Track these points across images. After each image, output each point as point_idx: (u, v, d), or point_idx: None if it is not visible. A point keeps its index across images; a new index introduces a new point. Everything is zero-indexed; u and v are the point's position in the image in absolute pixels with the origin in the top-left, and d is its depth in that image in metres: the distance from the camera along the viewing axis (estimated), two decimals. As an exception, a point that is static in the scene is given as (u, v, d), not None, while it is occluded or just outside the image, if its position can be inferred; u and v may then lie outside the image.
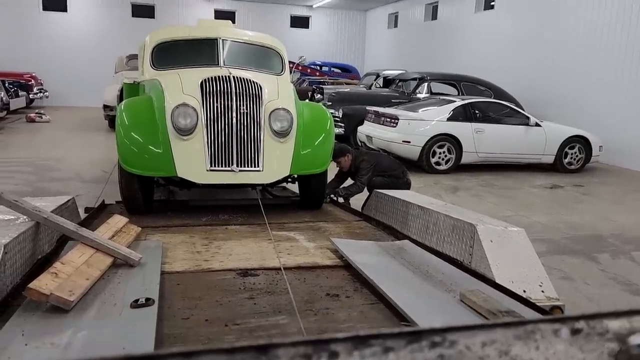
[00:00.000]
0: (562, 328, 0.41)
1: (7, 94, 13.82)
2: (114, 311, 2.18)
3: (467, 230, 2.98)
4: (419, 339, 0.37)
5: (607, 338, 0.42)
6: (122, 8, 20.38)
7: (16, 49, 18.99)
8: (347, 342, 0.35)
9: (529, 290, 2.64)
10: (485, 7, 15.53)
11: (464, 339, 0.38)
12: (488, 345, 0.39)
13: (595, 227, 5.92)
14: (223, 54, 4.89)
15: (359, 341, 0.35)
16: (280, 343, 0.33)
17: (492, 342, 0.39)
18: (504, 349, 0.39)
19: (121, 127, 4.04)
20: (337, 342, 0.35)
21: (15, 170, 7.65)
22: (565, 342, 0.41)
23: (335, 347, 0.35)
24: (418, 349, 0.37)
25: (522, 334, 0.40)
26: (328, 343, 0.34)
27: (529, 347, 0.40)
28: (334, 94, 11.75)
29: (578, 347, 0.41)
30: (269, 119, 4.03)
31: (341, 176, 5.67)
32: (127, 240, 3.11)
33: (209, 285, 2.64)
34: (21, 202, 2.80)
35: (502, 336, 0.39)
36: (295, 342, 0.34)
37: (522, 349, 0.40)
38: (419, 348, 0.37)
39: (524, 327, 0.40)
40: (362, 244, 3.38)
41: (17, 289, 2.35)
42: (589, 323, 0.42)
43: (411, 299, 2.43)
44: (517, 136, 9.20)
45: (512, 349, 0.39)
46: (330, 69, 19.58)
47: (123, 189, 4.18)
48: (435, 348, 0.37)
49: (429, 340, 0.37)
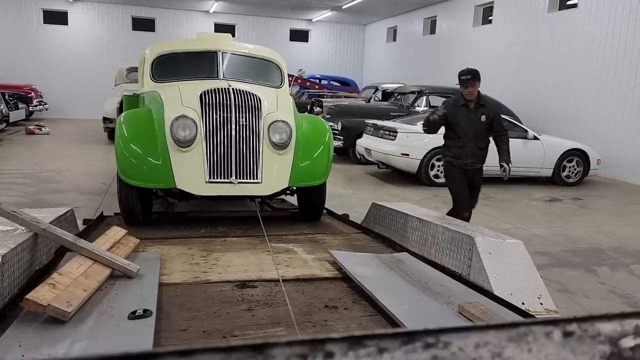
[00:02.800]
0: (554, 330, 0.41)
1: (7, 106, 13.86)
2: (112, 322, 2.17)
3: (466, 243, 2.98)
4: (413, 340, 0.38)
5: (599, 341, 0.42)
6: (123, 21, 20.54)
7: (17, 61, 19.09)
8: (343, 342, 0.36)
9: (528, 302, 2.63)
10: (483, 21, 15.67)
11: (457, 341, 0.39)
12: (481, 347, 0.39)
13: (594, 240, 5.92)
14: (223, 66, 4.91)
15: (354, 341, 0.36)
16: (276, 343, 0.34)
17: (486, 344, 0.39)
18: (497, 351, 0.40)
19: (120, 138, 4.05)
20: (333, 342, 0.35)
21: (14, 182, 7.65)
22: (558, 345, 0.41)
23: (331, 347, 0.35)
24: (412, 350, 0.37)
25: (515, 336, 0.40)
26: (324, 343, 0.35)
27: (521, 349, 0.40)
28: (332, 107, 11.80)
29: (570, 349, 0.41)
30: (268, 131, 4.04)
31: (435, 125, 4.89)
32: (125, 251, 3.10)
33: (207, 297, 2.63)
34: (19, 213, 2.80)
35: (495, 338, 0.40)
36: (291, 341, 0.34)
37: (514, 350, 0.40)
38: (413, 349, 0.37)
39: (517, 330, 0.41)
40: (361, 256, 3.38)
41: (15, 300, 2.34)
42: (581, 326, 0.42)
43: (410, 310, 2.42)
44: (515, 149, 9.17)
45: (505, 351, 0.40)
46: (329, 82, 19.68)
47: (122, 200, 4.17)
48: (429, 349, 0.38)
49: (422, 342, 0.38)
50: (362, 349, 0.36)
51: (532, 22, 13.09)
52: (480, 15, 15.74)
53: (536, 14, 12.96)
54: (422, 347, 0.37)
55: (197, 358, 0.32)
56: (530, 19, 13.16)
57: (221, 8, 20.59)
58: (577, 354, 0.41)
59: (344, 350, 0.35)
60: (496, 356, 0.39)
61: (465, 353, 0.38)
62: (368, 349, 0.36)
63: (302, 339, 0.35)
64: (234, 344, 0.33)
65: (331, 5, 19.57)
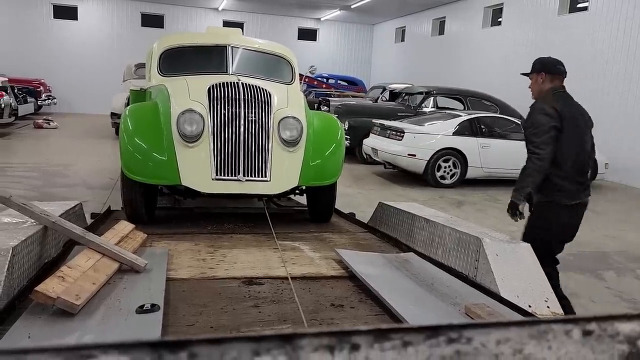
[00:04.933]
0: (574, 329, 0.42)
1: (16, 100, 13.94)
2: (120, 316, 2.19)
3: (473, 244, 2.98)
4: (437, 335, 0.38)
5: (618, 340, 0.43)
6: (132, 17, 20.62)
7: (26, 55, 19.21)
8: (369, 335, 0.36)
9: (535, 305, 2.63)
10: (492, 23, 15.62)
11: (479, 337, 0.39)
12: (502, 343, 0.40)
13: (601, 244, 5.90)
14: (232, 61, 4.79)
15: (380, 334, 0.37)
16: (304, 333, 0.35)
17: (507, 341, 0.40)
18: (517, 348, 0.40)
19: (125, 132, 3.92)
20: (359, 334, 0.36)
21: (22, 176, 7.70)
22: (577, 343, 0.42)
23: (357, 339, 0.36)
24: (436, 344, 0.38)
25: (536, 333, 0.41)
26: (350, 335, 0.36)
27: (542, 347, 0.41)
28: (340, 106, 11.81)
29: (590, 348, 0.42)
30: (278, 127, 3.92)
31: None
32: (133, 246, 3.12)
33: (214, 292, 2.64)
34: (29, 205, 2.82)
35: (516, 335, 0.41)
36: (318, 332, 0.35)
37: (535, 348, 0.41)
38: (436, 343, 0.38)
39: (538, 327, 0.41)
40: (367, 255, 3.38)
41: (24, 292, 2.36)
42: (600, 325, 0.43)
43: (416, 310, 2.43)
44: (522, 152, 9.12)
45: (526, 347, 0.41)
46: (336, 82, 19.69)
47: (125, 196, 4.05)
48: (452, 344, 0.38)
49: (446, 336, 0.38)
50: (387, 342, 0.37)
51: (541, 24, 13.04)
52: (490, 16, 15.69)
53: (546, 16, 12.91)
54: (445, 342, 0.38)
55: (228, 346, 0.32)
56: (539, 21, 13.10)
57: (230, 5, 20.63)
58: (596, 353, 0.42)
59: (369, 342, 0.36)
60: (517, 352, 0.40)
61: (487, 349, 0.39)
62: (393, 342, 0.37)
63: (330, 330, 0.36)
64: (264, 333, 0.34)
65: (340, 5, 19.56)
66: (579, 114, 3.39)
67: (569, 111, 3.34)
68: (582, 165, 3.41)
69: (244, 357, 0.33)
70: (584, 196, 3.41)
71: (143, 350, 0.31)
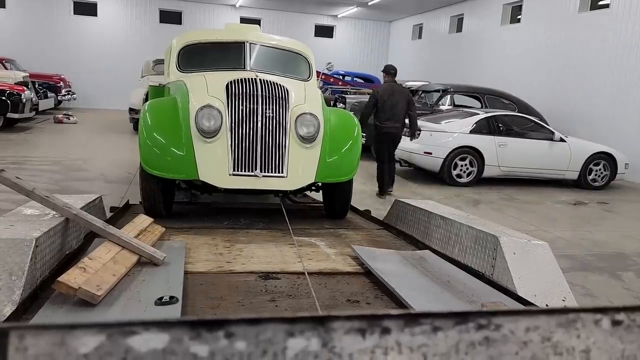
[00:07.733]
0: (603, 318, 0.42)
1: (37, 95, 14.15)
2: (139, 307, 2.22)
3: (490, 242, 2.96)
4: (466, 321, 0.39)
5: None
6: (150, 14, 20.80)
7: (46, 51, 19.48)
8: (400, 319, 0.37)
9: (552, 304, 2.61)
10: (511, 20, 15.45)
11: (508, 324, 0.40)
12: (531, 331, 0.40)
13: (620, 245, 5.82)
14: (250, 57, 4.83)
15: (410, 319, 0.37)
16: (337, 316, 0.35)
17: (536, 328, 0.40)
18: (546, 335, 0.41)
19: (144, 127, 3.97)
20: (390, 318, 0.37)
21: (43, 169, 7.82)
22: (606, 333, 0.42)
23: (388, 323, 0.37)
24: (465, 330, 0.38)
25: (564, 322, 0.41)
26: (382, 319, 0.36)
27: (570, 335, 0.41)
28: (356, 103, 11.77)
29: (618, 337, 0.42)
30: (295, 123, 3.95)
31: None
32: (152, 239, 3.16)
33: (231, 286, 2.67)
34: (52, 197, 2.87)
35: (545, 323, 0.41)
36: (351, 315, 0.36)
37: (563, 336, 0.41)
38: (465, 329, 0.39)
39: (567, 316, 0.42)
40: (383, 252, 3.38)
41: (46, 282, 2.41)
42: (629, 315, 0.43)
43: (432, 308, 2.42)
44: (540, 151, 9.10)
45: (554, 335, 0.41)
46: (352, 79, 19.62)
47: (143, 190, 4.12)
48: (481, 330, 0.39)
49: (475, 323, 0.39)
50: (417, 326, 0.37)
51: (562, 21, 12.87)
52: (509, 14, 15.51)
53: (566, 13, 12.73)
54: (474, 328, 0.39)
55: (264, 326, 0.33)
56: (560, 19, 12.93)
57: (247, 2, 20.69)
58: (625, 342, 0.42)
59: (400, 326, 0.37)
60: (545, 340, 0.40)
61: (516, 336, 0.40)
62: (423, 327, 0.37)
63: (362, 313, 0.36)
64: (299, 314, 0.34)
65: (357, 2, 19.50)
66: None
67: None
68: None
69: (278, 337, 0.34)
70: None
71: (183, 328, 0.32)
